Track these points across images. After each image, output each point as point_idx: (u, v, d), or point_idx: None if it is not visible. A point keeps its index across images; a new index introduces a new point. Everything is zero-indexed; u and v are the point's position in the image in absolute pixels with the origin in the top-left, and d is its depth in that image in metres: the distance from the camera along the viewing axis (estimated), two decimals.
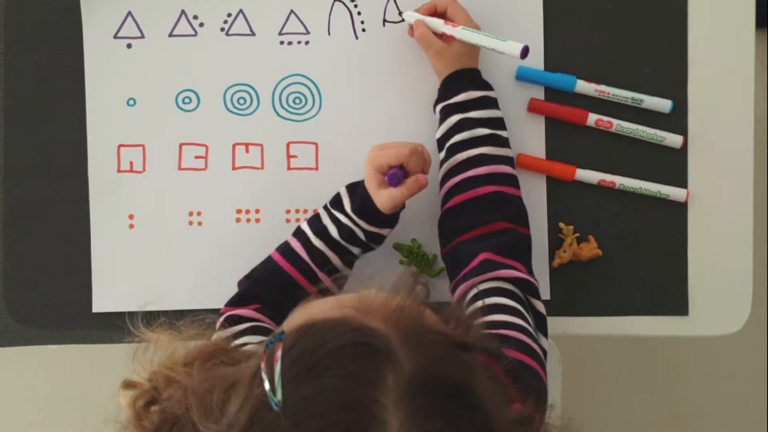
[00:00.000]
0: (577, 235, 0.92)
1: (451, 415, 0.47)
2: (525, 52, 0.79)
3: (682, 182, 0.93)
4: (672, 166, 0.93)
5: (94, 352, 0.95)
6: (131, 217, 0.93)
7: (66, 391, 1.62)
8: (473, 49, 0.87)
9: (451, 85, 0.87)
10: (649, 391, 1.66)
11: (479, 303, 0.75)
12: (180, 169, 0.93)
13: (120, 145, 0.93)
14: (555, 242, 0.92)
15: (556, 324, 0.93)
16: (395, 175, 0.79)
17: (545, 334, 0.79)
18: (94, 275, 0.93)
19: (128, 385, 0.56)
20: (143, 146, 0.93)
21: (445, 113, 0.86)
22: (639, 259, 0.93)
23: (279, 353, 0.48)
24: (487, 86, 0.88)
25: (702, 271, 0.93)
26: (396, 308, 0.52)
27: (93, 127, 0.93)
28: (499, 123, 0.86)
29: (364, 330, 0.49)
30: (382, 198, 0.81)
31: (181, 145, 0.93)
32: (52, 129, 0.93)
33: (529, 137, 0.92)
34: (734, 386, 1.64)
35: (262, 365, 0.48)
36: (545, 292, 0.92)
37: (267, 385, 0.46)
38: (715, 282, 0.93)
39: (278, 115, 0.93)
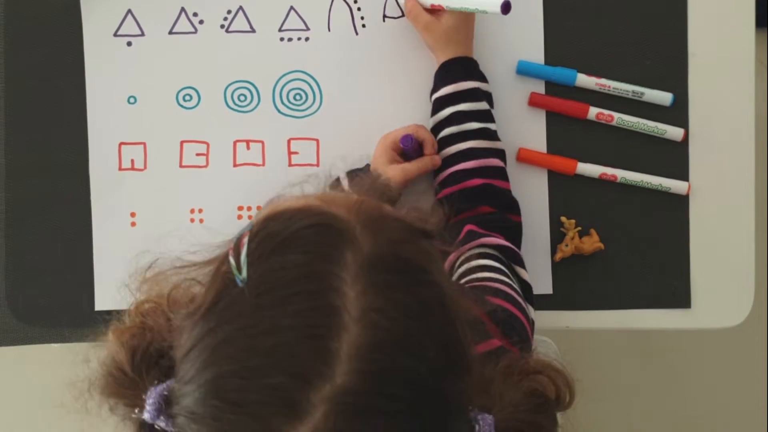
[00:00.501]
0: (579, 228, 0.92)
1: (406, 289, 0.49)
2: (506, 6, 0.76)
3: (683, 175, 0.93)
4: (673, 159, 0.93)
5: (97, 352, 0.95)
6: (133, 215, 0.93)
7: (68, 390, 1.62)
8: (463, 24, 0.86)
9: (443, 74, 0.87)
10: (650, 386, 1.66)
11: (463, 267, 0.78)
12: (181, 166, 0.93)
13: (121, 143, 0.93)
14: (557, 236, 0.93)
15: (558, 318, 0.93)
16: (408, 137, 0.84)
17: (531, 304, 0.81)
18: (96, 273, 0.93)
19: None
20: (144, 144, 0.93)
21: (438, 105, 0.87)
22: (641, 253, 0.93)
23: (246, 239, 0.50)
24: (481, 77, 0.88)
25: (704, 264, 0.93)
26: (357, 200, 0.54)
27: (94, 125, 0.93)
28: (488, 115, 0.87)
29: (327, 215, 0.52)
30: (394, 171, 0.85)
31: (182, 142, 0.93)
32: (52, 127, 0.93)
33: (530, 131, 0.92)
34: (736, 379, 1.64)
35: (230, 251, 0.50)
36: (547, 287, 0.92)
37: (233, 264, 0.49)
38: (717, 274, 0.93)
39: (279, 111, 0.93)
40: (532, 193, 0.92)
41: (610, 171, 0.92)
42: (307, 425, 0.44)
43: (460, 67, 0.87)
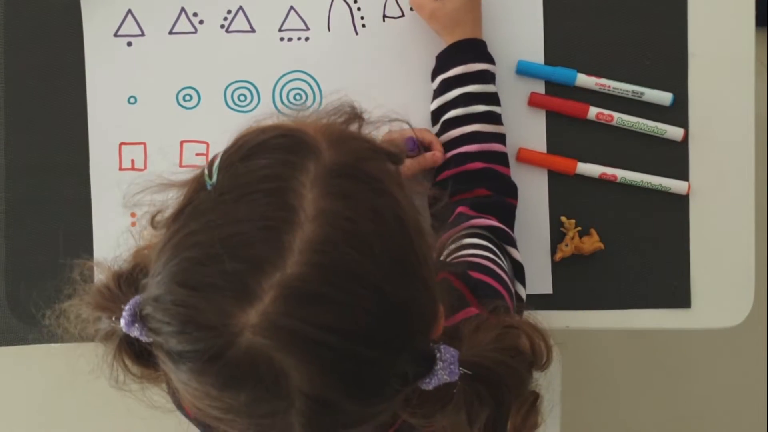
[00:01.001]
0: (579, 228, 0.92)
1: (362, 196, 0.52)
2: None
3: (683, 175, 0.93)
4: (673, 158, 0.93)
5: (98, 351, 0.95)
6: (133, 215, 0.93)
7: (68, 390, 1.62)
8: (469, 4, 0.86)
9: (451, 55, 0.87)
10: (650, 386, 1.66)
11: (451, 247, 0.79)
12: (181, 166, 0.93)
13: (121, 143, 0.93)
14: (557, 236, 0.92)
15: (558, 318, 0.93)
16: (410, 139, 0.84)
17: (523, 283, 0.82)
18: (97, 273, 0.93)
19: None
20: (144, 144, 0.93)
21: (445, 87, 0.87)
22: (641, 252, 0.93)
23: (221, 153, 0.54)
24: (489, 59, 0.88)
25: (704, 264, 0.93)
26: (326, 123, 0.58)
27: (94, 125, 0.93)
28: (495, 99, 0.87)
29: (296, 130, 0.55)
30: None
31: (182, 142, 0.93)
32: (53, 127, 0.93)
33: (529, 131, 0.92)
34: (736, 379, 1.64)
35: (206, 163, 0.54)
36: (547, 287, 0.92)
37: (206, 172, 0.53)
38: (717, 274, 0.93)
39: (279, 111, 0.93)
40: (532, 193, 0.92)
41: (610, 171, 0.92)
42: (257, 308, 0.47)
43: (469, 48, 0.86)
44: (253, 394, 0.48)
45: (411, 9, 0.90)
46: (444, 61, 0.87)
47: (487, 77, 0.87)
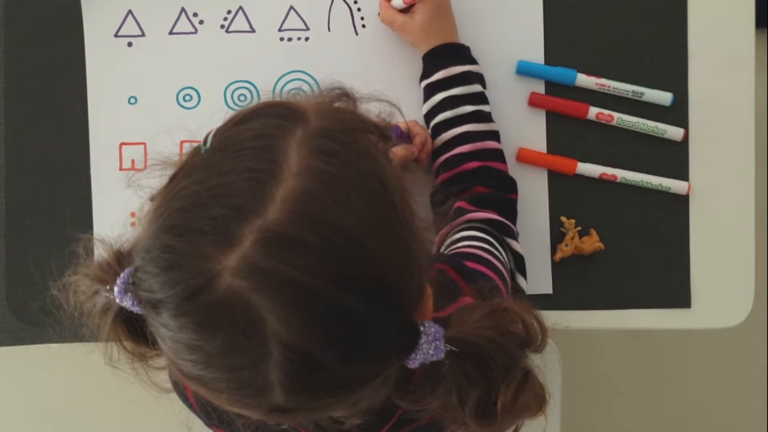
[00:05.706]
0: (579, 228, 0.92)
1: (347, 157, 0.53)
2: None
3: (683, 175, 0.93)
4: (673, 158, 0.93)
5: (98, 351, 0.95)
6: (133, 215, 0.93)
7: (68, 390, 1.62)
8: (438, 13, 0.86)
9: (433, 60, 0.88)
10: (650, 386, 1.66)
11: (448, 240, 0.79)
12: None
13: (121, 143, 0.93)
14: (557, 236, 0.93)
15: (557, 318, 0.92)
16: (395, 128, 0.83)
17: (524, 275, 0.82)
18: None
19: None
20: (144, 144, 0.93)
21: (429, 91, 0.88)
22: (641, 253, 0.93)
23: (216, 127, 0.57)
24: (471, 60, 0.88)
25: (704, 264, 0.93)
26: (316, 101, 0.60)
27: (95, 126, 0.93)
28: (481, 97, 0.87)
29: (287, 102, 0.58)
30: None
31: (182, 142, 0.93)
32: (53, 127, 0.93)
33: (529, 131, 0.92)
34: (736, 379, 1.64)
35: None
36: (547, 287, 0.93)
37: (202, 141, 0.55)
38: (717, 274, 0.93)
39: None
40: (532, 193, 0.92)
41: (610, 171, 0.92)
42: (237, 252, 0.48)
43: (448, 53, 0.87)
44: (228, 337, 0.48)
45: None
46: (426, 66, 0.88)
47: (470, 78, 0.87)
